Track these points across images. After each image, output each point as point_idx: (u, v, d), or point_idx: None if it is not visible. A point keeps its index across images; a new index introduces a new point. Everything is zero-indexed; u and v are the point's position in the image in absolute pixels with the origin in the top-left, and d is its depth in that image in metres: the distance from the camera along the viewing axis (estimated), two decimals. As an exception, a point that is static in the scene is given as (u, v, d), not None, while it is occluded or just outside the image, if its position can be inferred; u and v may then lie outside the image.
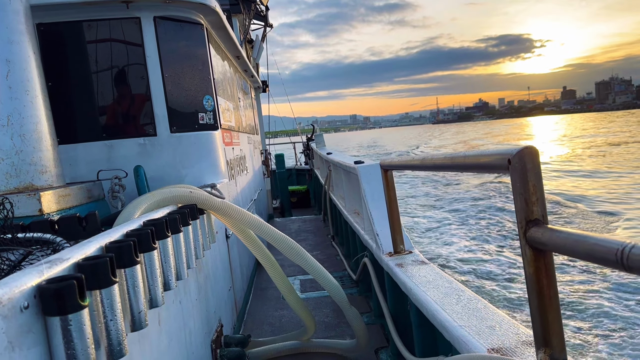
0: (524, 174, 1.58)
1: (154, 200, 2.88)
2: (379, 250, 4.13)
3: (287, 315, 5.45)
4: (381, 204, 4.47)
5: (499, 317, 2.33)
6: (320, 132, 12.58)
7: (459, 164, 1.90)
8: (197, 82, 5.16)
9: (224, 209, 3.35)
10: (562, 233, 1.47)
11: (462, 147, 52.10)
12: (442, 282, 3.05)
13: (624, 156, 32.95)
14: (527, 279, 1.63)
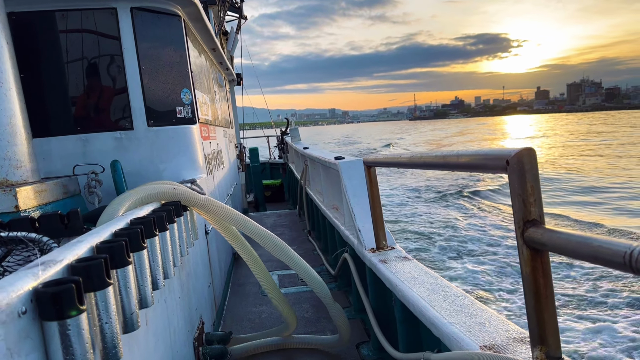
0: (522, 175, 1.60)
1: (138, 197, 2.82)
2: (361, 246, 4.15)
3: (266, 311, 5.43)
4: (362, 200, 4.48)
5: (487, 314, 2.36)
6: (296, 126, 12.53)
7: (452, 163, 1.91)
8: (175, 75, 5.07)
9: (207, 205, 3.30)
10: (563, 234, 1.49)
11: (427, 148, 52.86)
12: (427, 279, 3.08)
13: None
14: (524, 279, 1.65)
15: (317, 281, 3.75)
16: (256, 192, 14.30)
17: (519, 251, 1.65)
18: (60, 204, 3.82)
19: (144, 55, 4.70)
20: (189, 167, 5.08)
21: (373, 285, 4.07)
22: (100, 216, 2.58)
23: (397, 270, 3.33)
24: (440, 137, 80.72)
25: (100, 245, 1.84)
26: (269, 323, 5.09)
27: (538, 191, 1.61)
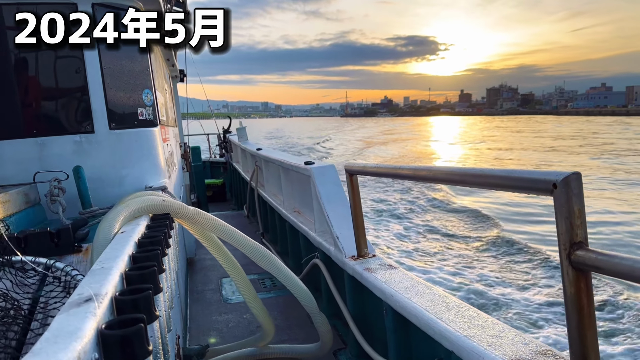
0: (570, 199, 1.65)
1: (130, 211, 2.65)
2: (340, 253, 4.13)
3: (233, 319, 5.30)
4: (338, 207, 4.47)
5: (498, 325, 2.42)
6: (244, 126, 12.29)
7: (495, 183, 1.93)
8: (137, 75, 4.81)
9: (195, 217, 3.16)
10: (610, 256, 1.55)
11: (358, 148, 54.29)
12: (422, 288, 3.11)
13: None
14: (568, 299, 1.70)
15: (303, 291, 3.71)
16: (198, 192, 13.92)
17: (564, 272, 1.69)
18: (23, 214, 3.52)
19: (106, 54, 4.42)
20: (152, 172, 4.85)
21: (353, 293, 4.07)
22: (96, 233, 2.39)
23: (388, 280, 3.35)
24: (369, 135, 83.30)
25: (129, 273, 1.71)
26: (237, 332, 4.97)
27: (584, 214, 1.66)
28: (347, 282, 4.10)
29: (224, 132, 15.07)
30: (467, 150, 48.91)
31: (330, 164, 4.86)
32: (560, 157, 37.25)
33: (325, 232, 4.84)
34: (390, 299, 3.14)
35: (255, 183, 9.13)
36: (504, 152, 44.18)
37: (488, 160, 38.21)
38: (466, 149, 50.40)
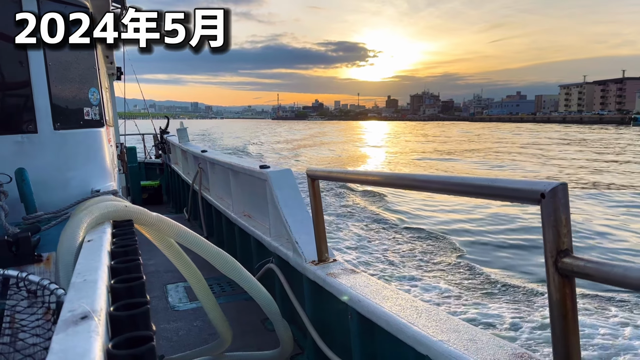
0: (557, 208, 1.72)
1: (93, 217, 2.50)
2: (300, 258, 4.10)
3: (183, 327, 5.13)
4: (295, 211, 4.44)
5: (471, 329, 2.48)
6: (185, 127, 11.95)
7: (482, 192, 1.98)
8: (83, 73, 4.57)
9: (157, 223, 3.03)
10: (594, 262, 1.64)
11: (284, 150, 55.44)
12: (388, 293, 3.14)
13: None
14: (553, 305, 1.77)
15: (266, 298, 3.66)
16: (133, 194, 13.41)
17: (550, 279, 1.76)
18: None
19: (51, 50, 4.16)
20: (98, 175, 4.62)
21: (313, 298, 4.05)
22: (60, 242, 2.24)
23: (353, 284, 3.36)
24: (297, 138, 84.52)
25: (116, 286, 1.61)
26: (188, 341, 4.82)
27: (570, 223, 1.74)
28: (306, 287, 4.07)
29: (162, 132, 14.60)
30: (362, 151, 54.05)
31: (287, 168, 4.83)
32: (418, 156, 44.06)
33: (281, 237, 4.79)
34: (357, 304, 3.15)
35: (199, 186, 8.91)
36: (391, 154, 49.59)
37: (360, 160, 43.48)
38: (362, 151, 55.70)
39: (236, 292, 6.02)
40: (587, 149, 49.37)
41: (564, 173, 30.95)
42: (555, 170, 32.33)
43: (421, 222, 16.22)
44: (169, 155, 13.86)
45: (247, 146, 59.05)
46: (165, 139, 14.10)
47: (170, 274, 6.66)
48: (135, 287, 1.61)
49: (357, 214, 18.03)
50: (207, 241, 3.36)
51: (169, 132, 14.47)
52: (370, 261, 11.91)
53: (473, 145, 57.67)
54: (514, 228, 15.22)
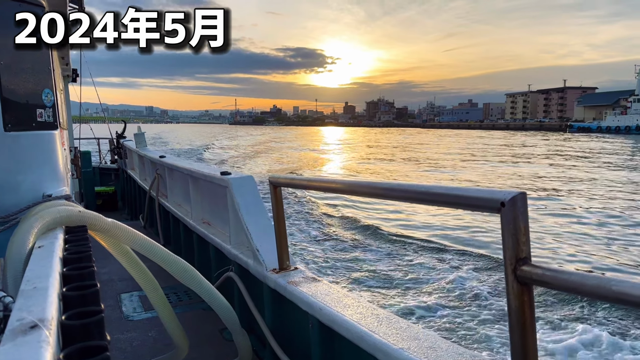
0: (517, 217, 1.75)
1: (44, 222, 2.39)
2: (260, 266, 4.05)
3: (137, 338, 4.96)
4: (257, 219, 4.39)
5: (431, 337, 2.50)
6: (143, 132, 11.68)
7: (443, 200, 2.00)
8: (37, 73, 4.40)
9: (112, 230, 2.93)
10: (552, 270, 1.68)
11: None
12: (349, 301, 3.13)
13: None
14: (512, 312, 1.80)
15: (225, 307, 3.59)
16: (87, 200, 13.01)
17: (509, 286, 1.79)
18: None
19: (3, 48, 3.98)
20: (51, 179, 4.44)
21: (273, 306, 4.00)
22: (8, 247, 2.13)
23: (314, 292, 3.33)
24: (252, 143, 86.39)
25: (67, 294, 1.53)
26: (142, 351, 4.67)
27: (528, 231, 1.78)
28: (267, 295, 4.02)
29: (118, 137, 14.24)
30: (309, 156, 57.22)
31: (249, 175, 4.77)
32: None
33: (242, 245, 4.73)
34: (318, 312, 3.12)
35: (156, 192, 8.71)
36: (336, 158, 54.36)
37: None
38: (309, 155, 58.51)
39: (193, 302, 5.90)
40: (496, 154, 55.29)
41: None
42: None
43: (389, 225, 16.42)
44: (125, 161, 13.52)
45: (200, 149, 59.36)
46: (122, 143, 13.76)
47: (124, 283, 6.46)
48: (89, 295, 1.54)
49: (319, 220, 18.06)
50: (165, 249, 3.28)
51: (126, 137, 14.13)
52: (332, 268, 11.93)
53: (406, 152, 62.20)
54: (477, 233, 15.55)
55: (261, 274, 4.04)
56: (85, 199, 12.91)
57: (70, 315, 1.36)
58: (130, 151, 12.56)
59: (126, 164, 13.41)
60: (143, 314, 5.62)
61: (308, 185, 3.59)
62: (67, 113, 11.21)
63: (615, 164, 41.47)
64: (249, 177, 4.69)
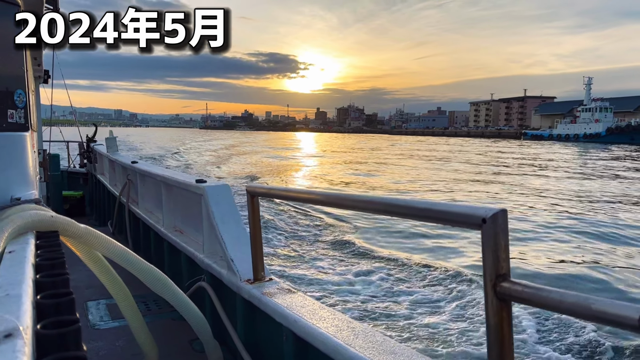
0: (497, 234, 1.78)
1: (15, 227, 2.31)
2: (234, 276, 4.00)
3: (103, 347, 4.83)
4: (231, 228, 4.35)
5: (407, 351, 2.50)
6: (114, 136, 11.47)
7: (425, 215, 2.02)
8: (9, 73, 4.29)
9: (85, 236, 2.85)
10: (531, 287, 1.70)
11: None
12: (325, 314, 3.12)
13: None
14: (490, 328, 1.81)
15: (198, 318, 3.53)
16: (54, 204, 12.66)
17: (488, 302, 1.81)
18: None
19: None
20: (20, 182, 4.32)
21: (246, 318, 3.95)
22: None
23: (289, 304, 3.31)
24: (221, 146, 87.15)
25: (42, 301, 1.48)
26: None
27: (508, 248, 1.80)
28: (240, 306, 3.97)
29: (88, 140, 13.95)
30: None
31: (225, 183, 4.72)
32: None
33: (215, 254, 4.66)
34: (293, 325, 3.10)
35: (127, 198, 8.55)
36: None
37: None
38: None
39: (163, 311, 5.78)
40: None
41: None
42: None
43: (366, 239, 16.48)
44: (94, 165, 13.24)
45: (171, 155, 59.29)
46: (92, 147, 13.48)
47: (91, 290, 6.29)
48: (64, 303, 1.49)
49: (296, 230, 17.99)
50: (138, 257, 3.21)
51: (97, 141, 13.85)
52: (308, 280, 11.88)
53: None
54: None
55: (235, 284, 3.98)
56: (52, 203, 12.57)
57: (46, 324, 1.32)
58: (101, 155, 12.32)
59: (96, 168, 13.14)
60: (110, 322, 5.48)
61: (286, 195, 3.57)
62: (38, 115, 10.94)
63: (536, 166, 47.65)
64: (224, 185, 4.65)
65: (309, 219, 20.51)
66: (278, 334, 3.38)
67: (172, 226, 6.24)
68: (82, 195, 13.99)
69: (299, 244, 16.16)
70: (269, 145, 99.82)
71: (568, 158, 61.36)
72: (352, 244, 16.16)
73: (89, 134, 14.25)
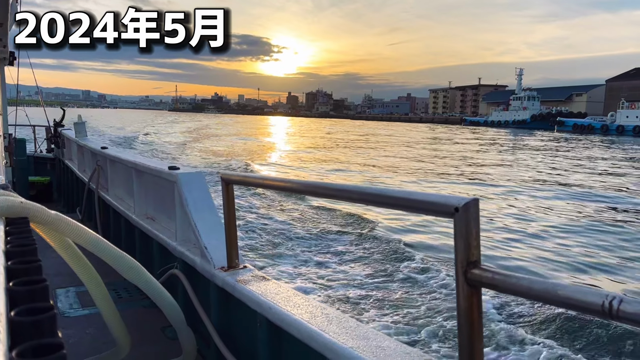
0: (469, 222, 1.83)
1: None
2: (208, 264, 3.99)
3: (73, 335, 4.77)
4: (205, 215, 4.33)
5: (379, 336, 2.56)
6: (83, 121, 11.19)
7: (398, 203, 2.06)
8: None
9: (56, 222, 2.80)
10: (501, 274, 1.76)
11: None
12: (299, 300, 3.15)
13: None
14: (460, 313, 1.87)
15: (171, 306, 3.51)
16: (20, 190, 12.33)
17: (459, 288, 1.86)
18: None
19: None
20: None
21: (220, 305, 3.96)
22: None
23: (264, 291, 3.33)
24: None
25: (14, 288, 1.46)
26: (79, 350, 4.48)
27: (479, 236, 1.86)
28: (214, 294, 3.97)
29: (56, 124, 13.60)
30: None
31: (199, 170, 4.69)
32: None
33: (188, 242, 4.64)
34: (267, 311, 3.12)
35: (96, 184, 8.40)
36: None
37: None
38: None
39: (134, 299, 5.73)
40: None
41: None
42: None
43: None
44: (62, 150, 12.93)
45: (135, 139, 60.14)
46: (60, 132, 13.15)
47: (60, 278, 6.18)
48: (38, 290, 1.47)
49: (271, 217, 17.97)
50: (110, 244, 3.17)
51: (64, 125, 13.51)
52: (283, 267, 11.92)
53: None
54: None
55: (209, 272, 3.98)
56: (18, 189, 12.23)
57: (20, 311, 1.30)
58: (69, 140, 12.04)
59: (64, 153, 12.83)
60: (80, 310, 5.41)
61: (262, 183, 3.58)
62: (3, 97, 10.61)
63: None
64: (198, 172, 4.62)
65: (284, 206, 20.55)
66: (252, 321, 3.40)
67: (144, 213, 6.17)
68: (49, 181, 13.67)
69: (275, 232, 16.19)
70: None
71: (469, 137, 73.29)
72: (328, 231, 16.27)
73: (56, 118, 13.88)
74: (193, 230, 4.23)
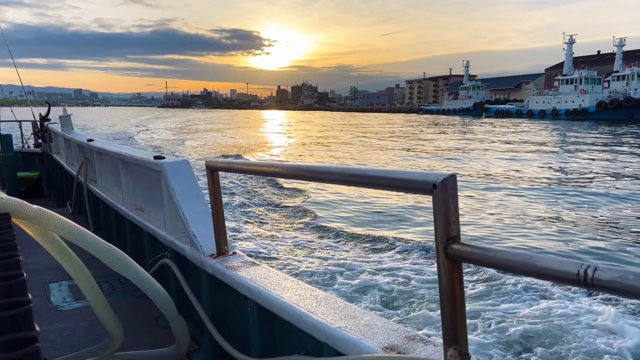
0: (447, 198, 1.83)
1: (-38, 211, 2.24)
2: (197, 252, 4.00)
3: (67, 328, 4.78)
4: (193, 204, 4.32)
5: (367, 315, 2.58)
6: (69, 114, 11.08)
7: (378, 183, 2.05)
8: None
9: (39, 217, 2.78)
10: (479, 248, 1.77)
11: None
12: (288, 284, 3.16)
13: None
14: (442, 288, 1.89)
15: (161, 295, 3.51)
16: (9, 186, 12.25)
17: (440, 264, 1.87)
18: None
19: None
20: None
21: (211, 292, 3.97)
22: None
23: (253, 276, 3.34)
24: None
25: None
26: (74, 342, 4.50)
27: (458, 212, 1.86)
28: (204, 281, 3.98)
29: (42, 119, 13.45)
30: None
31: (184, 158, 4.66)
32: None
33: (177, 231, 4.63)
34: (257, 296, 3.13)
35: (85, 177, 8.34)
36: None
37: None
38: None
39: (127, 290, 5.74)
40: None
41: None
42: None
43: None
44: (50, 145, 12.81)
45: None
46: (46, 126, 13.01)
47: (52, 272, 6.19)
48: (14, 285, 1.47)
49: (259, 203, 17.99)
50: (95, 236, 3.16)
51: (50, 119, 13.37)
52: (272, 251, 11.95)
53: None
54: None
55: (198, 259, 3.99)
56: (8, 186, 12.16)
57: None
58: (56, 134, 11.92)
59: (51, 148, 12.72)
60: (74, 303, 5.42)
61: (246, 169, 3.56)
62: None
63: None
64: (184, 161, 4.59)
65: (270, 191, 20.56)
66: (243, 306, 3.41)
67: (133, 204, 6.15)
68: (38, 176, 13.57)
69: (263, 217, 16.21)
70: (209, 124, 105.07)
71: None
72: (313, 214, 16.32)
73: (42, 112, 13.73)
74: (181, 219, 4.23)
